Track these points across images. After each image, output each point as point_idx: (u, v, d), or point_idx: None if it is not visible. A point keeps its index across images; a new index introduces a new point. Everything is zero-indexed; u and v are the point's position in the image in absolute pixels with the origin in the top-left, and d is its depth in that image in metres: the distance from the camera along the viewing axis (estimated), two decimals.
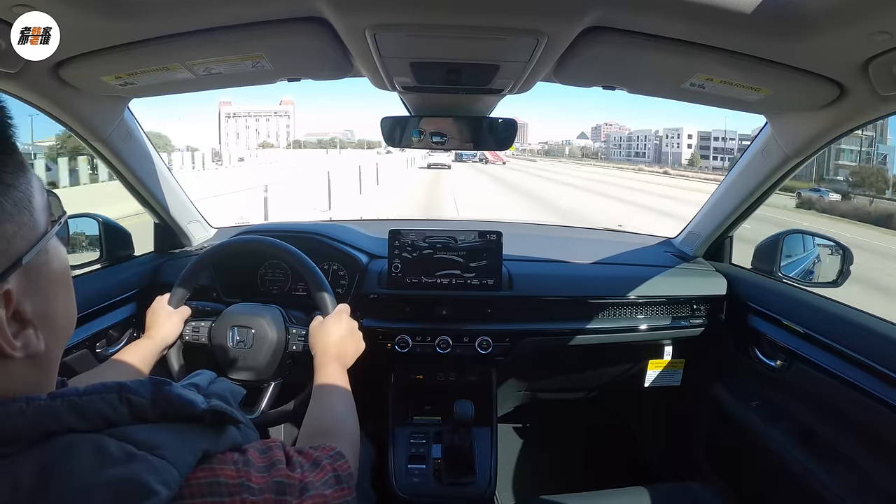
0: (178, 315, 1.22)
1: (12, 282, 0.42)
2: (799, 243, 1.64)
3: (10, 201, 0.42)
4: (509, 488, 1.94)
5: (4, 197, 0.42)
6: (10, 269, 0.42)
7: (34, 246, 0.45)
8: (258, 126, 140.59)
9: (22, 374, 0.44)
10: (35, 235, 0.45)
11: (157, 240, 1.75)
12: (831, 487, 1.18)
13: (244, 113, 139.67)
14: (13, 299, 0.42)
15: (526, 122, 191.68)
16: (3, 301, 0.41)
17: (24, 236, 0.44)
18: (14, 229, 0.43)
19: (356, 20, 0.88)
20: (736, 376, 1.63)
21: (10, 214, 0.42)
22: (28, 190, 0.45)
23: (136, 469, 0.42)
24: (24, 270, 0.43)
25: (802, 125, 1.23)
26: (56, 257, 0.48)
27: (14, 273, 0.42)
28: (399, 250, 1.58)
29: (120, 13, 0.84)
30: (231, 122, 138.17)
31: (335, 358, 1.07)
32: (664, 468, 1.96)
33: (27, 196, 0.45)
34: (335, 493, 0.60)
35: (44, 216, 0.47)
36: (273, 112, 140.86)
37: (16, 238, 0.43)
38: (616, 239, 2.20)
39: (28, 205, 0.44)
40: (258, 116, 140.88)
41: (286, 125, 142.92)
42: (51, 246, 0.48)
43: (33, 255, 0.44)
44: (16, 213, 0.43)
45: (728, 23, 0.81)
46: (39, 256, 0.45)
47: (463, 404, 1.37)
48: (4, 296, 0.41)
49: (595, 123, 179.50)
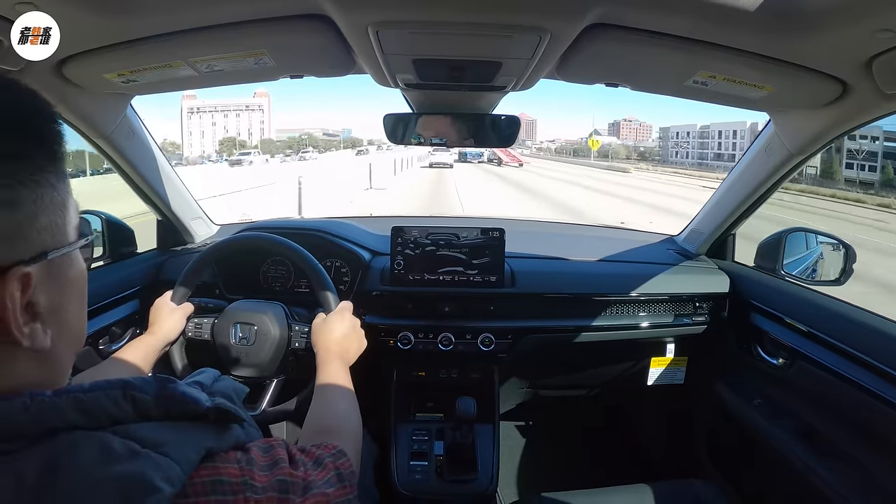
0: (181, 312, 1.22)
1: (34, 268, 0.43)
2: (802, 241, 1.64)
3: (49, 198, 0.45)
4: (511, 485, 1.95)
5: (47, 193, 0.44)
6: (36, 258, 0.43)
7: (62, 247, 0.47)
8: (227, 122, 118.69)
9: (27, 371, 0.45)
10: (63, 239, 0.47)
11: (160, 237, 1.76)
12: (833, 485, 1.18)
13: (210, 108, 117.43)
14: (31, 286, 0.43)
15: (534, 118, 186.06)
16: (21, 284, 0.42)
17: (54, 234, 0.46)
18: (47, 223, 0.45)
19: (359, 17, 0.87)
20: (738, 374, 1.63)
21: (47, 209, 0.45)
22: (66, 197, 0.48)
23: (140, 466, 0.42)
24: (46, 266, 0.45)
25: (806, 123, 1.23)
26: (76, 266, 0.50)
27: (38, 263, 0.44)
28: (402, 247, 1.58)
29: (122, 11, 0.84)
30: (195, 119, 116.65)
31: (338, 355, 1.07)
32: (666, 466, 1.96)
33: (63, 201, 0.47)
34: (337, 491, 0.61)
35: (74, 228, 0.49)
36: (245, 106, 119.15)
37: (47, 232, 0.45)
38: (619, 236, 2.19)
39: (63, 209, 0.47)
40: (227, 111, 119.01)
41: (260, 120, 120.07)
42: (74, 254, 0.50)
43: (58, 255, 0.46)
44: (52, 211, 0.45)
45: (731, 20, 0.81)
46: (62, 259, 0.47)
47: (465, 401, 1.37)
48: (23, 279, 0.42)
49: (612, 119, 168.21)
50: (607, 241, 2.07)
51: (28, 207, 0.43)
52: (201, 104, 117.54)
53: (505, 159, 44.16)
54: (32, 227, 0.43)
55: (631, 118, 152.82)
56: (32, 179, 0.43)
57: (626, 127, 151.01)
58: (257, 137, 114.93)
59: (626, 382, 1.87)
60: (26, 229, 0.43)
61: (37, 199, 0.43)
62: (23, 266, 0.42)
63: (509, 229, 1.59)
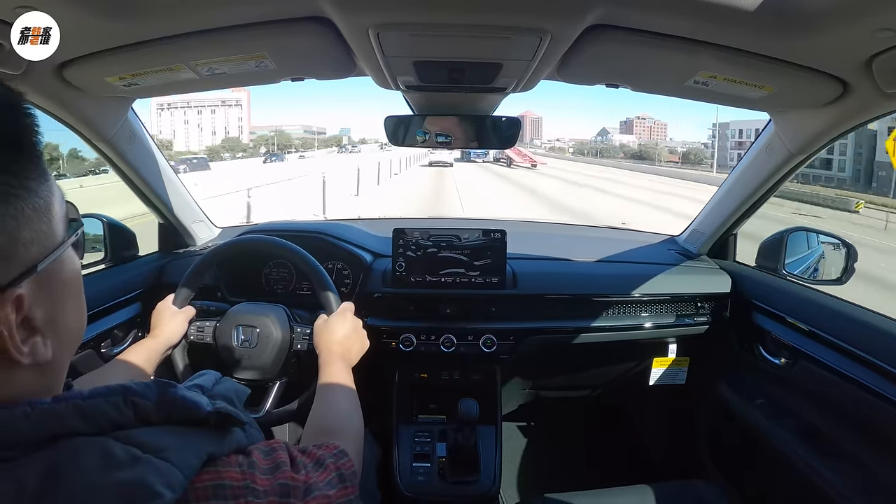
0: (183, 315, 1.22)
1: (25, 287, 0.42)
2: (803, 241, 1.64)
3: (31, 207, 0.43)
4: (514, 486, 1.95)
5: (26, 203, 0.42)
6: (25, 274, 0.42)
7: (50, 254, 0.45)
8: (201, 120, 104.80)
9: (27, 381, 0.44)
10: (51, 244, 0.45)
11: (162, 240, 1.76)
12: (835, 485, 1.18)
13: (182, 104, 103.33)
14: (24, 305, 0.42)
15: (540, 115, 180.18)
16: (15, 306, 0.41)
17: (41, 243, 0.44)
18: (32, 236, 0.43)
19: (360, 20, 0.87)
20: (740, 374, 1.62)
21: (29, 220, 0.42)
22: (49, 198, 0.45)
23: (141, 472, 0.42)
24: (37, 277, 0.43)
25: (806, 122, 1.23)
26: (69, 266, 0.49)
27: (27, 279, 0.42)
28: (403, 249, 1.58)
29: (124, 14, 0.84)
30: (165, 115, 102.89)
31: (340, 357, 1.07)
32: (668, 466, 1.96)
33: (47, 203, 0.45)
34: (339, 492, 0.61)
35: (61, 225, 0.47)
36: (220, 101, 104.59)
37: (33, 244, 0.43)
38: (620, 237, 2.19)
39: (47, 212, 0.45)
40: (201, 107, 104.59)
41: (238, 117, 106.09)
42: (65, 255, 0.48)
43: (48, 263, 0.45)
44: (35, 220, 0.43)
45: (731, 20, 0.81)
46: (53, 264, 0.45)
47: (467, 403, 1.37)
48: (16, 301, 0.41)
49: (624, 117, 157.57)
50: (609, 241, 2.07)
51: (9, 225, 0.41)
52: (172, 99, 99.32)
53: (516, 159, 40.20)
54: (17, 244, 0.42)
55: (644, 115, 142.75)
56: (12, 194, 0.41)
57: (640, 125, 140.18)
58: (236, 135, 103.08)
59: (628, 383, 1.86)
60: (10, 249, 0.41)
61: (17, 214, 0.41)
62: (13, 288, 0.41)
63: (510, 230, 1.59)
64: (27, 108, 0.44)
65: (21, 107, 0.43)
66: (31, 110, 0.44)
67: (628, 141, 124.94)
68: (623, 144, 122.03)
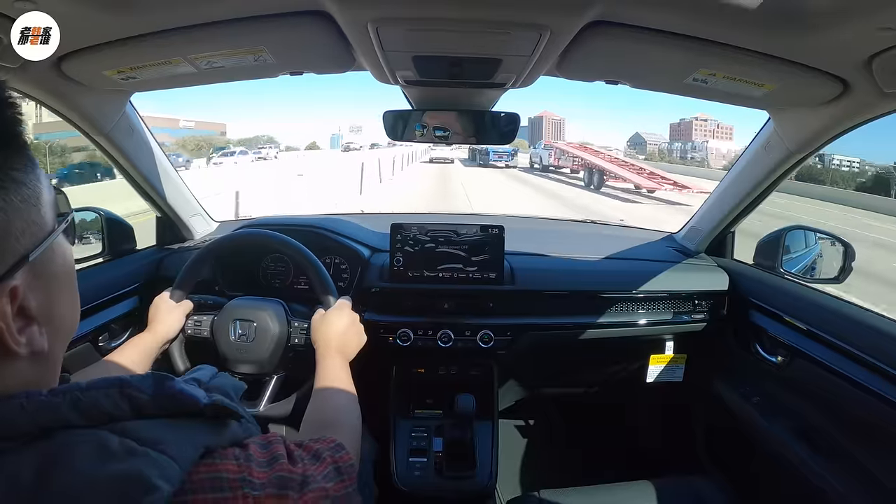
0: (180, 309, 1.22)
1: (19, 278, 0.42)
2: (801, 239, 1.64)
3: (20, 198, 0.43)
4: (510, 482, 1.95)
5: (14, 193, 0.42)
6: (18, 265, 0.42)
7: (41, 243, 0.45)
8: None
9: (23, 372, 0.44)
10: (42, 233, 0.45)
11: (159, 234, 1.76)
12: (831, 482, 1.18)
13: None
14: (19, 295, 0.42)
15: (562, 117, 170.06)
16: (10, 297, 0.41)
17: (32, 233, 0.44)
18: (23, 226, 0.43)
19: (359, 14, 0.87)
20: (737, 372, 1.63)
21: (19, 211, 0.42)
22: (37, 186, 0.45)
23: (137, 464, 0.42)
24: (30, 267, 0.44)
25: (805, 121, 1.23)
26: (61, 255, 0.49)
27: (21, 269, 0.42)
28: (401, 244, 1.58)
29: (123, 7, 0.84)
30: None
31: (337, 351, 1.07)
32: (665, 463, 1.97)
33: (36, 193, 0.45)
34: (336, 485, 0.61)
35: (51, 213, 0.47)
36: None
37: (24, 235, 0.43)
38: (618, 234, 2.19)
39: (37, 201, 0.45)
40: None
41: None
42: (57, 244, 0.48)
43: (40, 252, 0.45)
44: (24, 210, 0.43)
45: (731, 18, 0.81)
46: (46, 254, 0.45)
47: (464, 398, 1.37)
48: (11, 292, 0.41)
49: (677, 118, 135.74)
50: (607, 238, 2.07)
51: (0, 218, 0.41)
52: None
53: (620, 175, 19.06)
54: (8, 236, 0.42)
55: (705, 116, 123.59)
56: (1, 187, 0.41)
57: (700, 127, 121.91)
58: None
59: (625, 380, 1.87)
60: (2, 242, 0.41)
61: (6, 206, 0.41)
62: (8, 280, 0.41)
63: (509, 226, 1.59)
64: (9, 98, 0.44)
65: (3, 97, 0.43)
66: (13, 99, 0.44)
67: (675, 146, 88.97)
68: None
